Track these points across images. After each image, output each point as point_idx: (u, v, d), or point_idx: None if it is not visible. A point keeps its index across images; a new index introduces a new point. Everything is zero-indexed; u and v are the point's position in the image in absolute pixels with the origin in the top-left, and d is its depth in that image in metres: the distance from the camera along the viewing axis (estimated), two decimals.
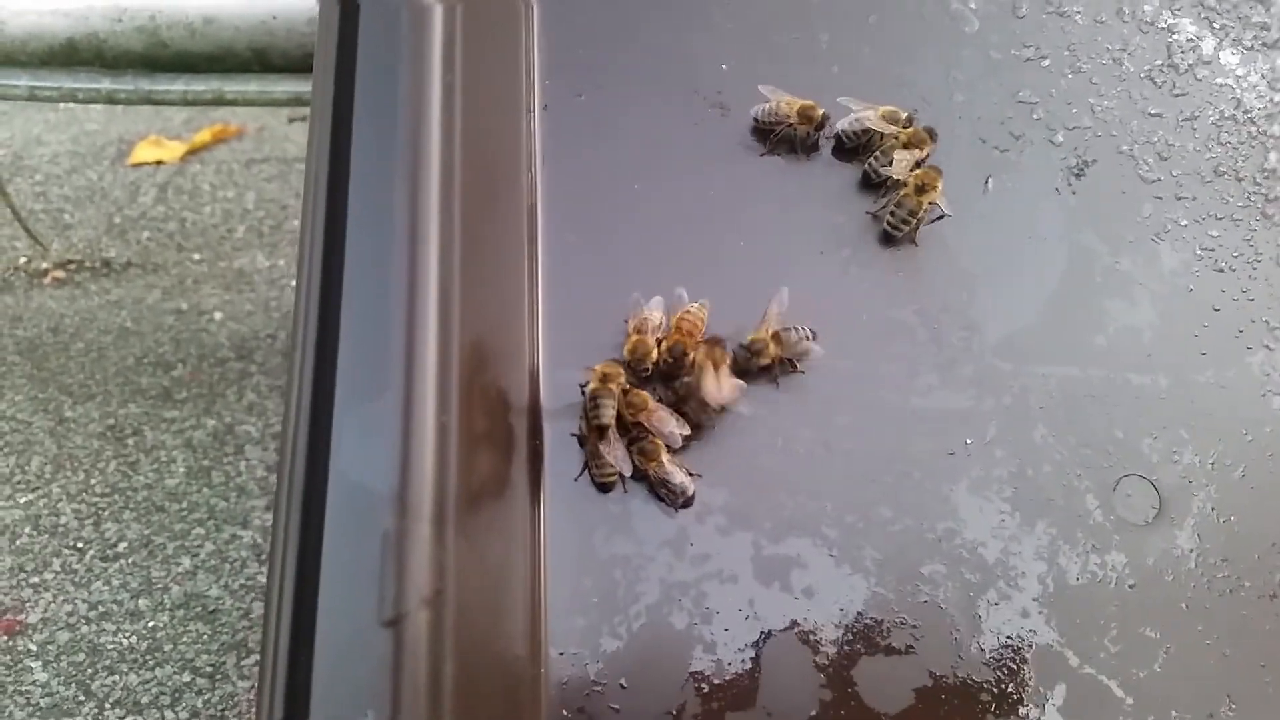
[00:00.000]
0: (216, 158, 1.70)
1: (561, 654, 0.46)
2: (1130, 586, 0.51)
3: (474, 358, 0.42)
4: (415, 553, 0.31)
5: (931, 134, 0.58)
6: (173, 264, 1.47)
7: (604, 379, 0.50)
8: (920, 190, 0.56)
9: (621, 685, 0.46)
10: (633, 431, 0.51)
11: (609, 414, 0.49)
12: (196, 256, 1.49)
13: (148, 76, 1.02)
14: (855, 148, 0.60)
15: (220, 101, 1.03)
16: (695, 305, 0.54)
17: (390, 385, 0.34)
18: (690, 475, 0.50)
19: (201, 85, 1.02)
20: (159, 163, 1.68)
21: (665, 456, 0.50)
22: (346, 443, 0.38)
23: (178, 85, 1.02)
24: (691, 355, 0.52)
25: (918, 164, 0.57)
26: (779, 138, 0.60)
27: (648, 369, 0.52)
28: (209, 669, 0.95)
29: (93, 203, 1.58)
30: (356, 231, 0.42)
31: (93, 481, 1.12)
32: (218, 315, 1.38)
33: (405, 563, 0.31)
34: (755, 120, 0.60)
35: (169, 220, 1.56)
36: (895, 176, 0.57)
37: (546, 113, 0.60)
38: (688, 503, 0.50)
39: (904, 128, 0.59)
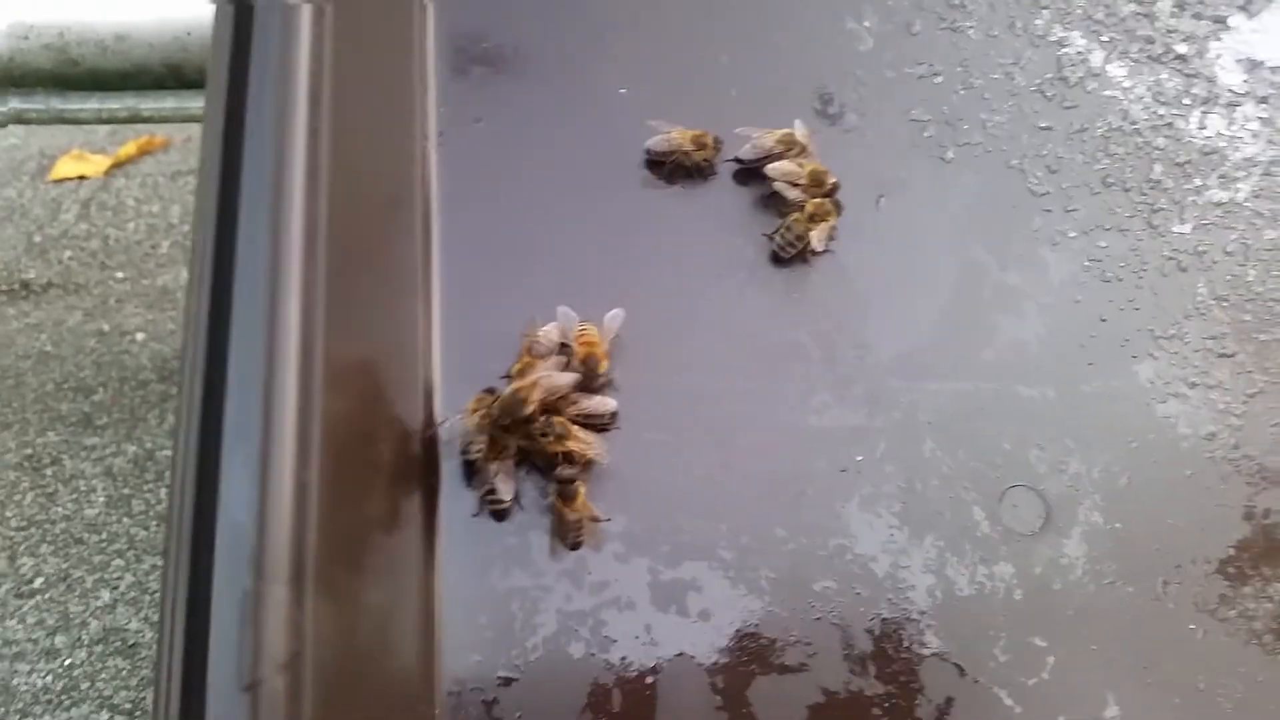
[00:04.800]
0: (142, 171, 1.66)
1: (455, 693, 0.46)
2: (1018, 596, 0.53)
3: (352, 402, 0.42)
4: (270, 616, 0.31)
5: (838, 205, 0.60)
6: (95, 283, 1.43)
7: (472, 412, 0.50)
8: (812, 219, 0.57)
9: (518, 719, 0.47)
10: (555, 460, 0.50)
11: (476, 449, 0.49)
12: (119, 275, 1.45)
13: (59, 95, 0.99)
14: (753, 170, 0.61)
15: (136, 119, 1.01)
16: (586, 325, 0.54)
17: (248, 439, 0.34)
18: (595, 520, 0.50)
19: (116, 103, 0.99)
20: (82, 178, 1.63)
21: (582, 501, 0.50)
22: (223, 497, 0.37)
23: (91, 104, 0.99)
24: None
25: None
26: (674, 166, 0.60)
27: (507, 423, 0.50)
28: (128, 706, 0.93)
29: (11, 221, 1.53)
30: (236, 263, 0.41)
31: (8, 514, 1.09)
32: (140, 336, 1.34)
33: (260, 627, 0.31)
34: (648, 153, 0.60)
35: (91, 238, 1.51)
36: (788, 196, 0.58)
37: (442, 139, 0.60)
38: (576, 544, 0.50)
39: (799, 155, 0.60)
